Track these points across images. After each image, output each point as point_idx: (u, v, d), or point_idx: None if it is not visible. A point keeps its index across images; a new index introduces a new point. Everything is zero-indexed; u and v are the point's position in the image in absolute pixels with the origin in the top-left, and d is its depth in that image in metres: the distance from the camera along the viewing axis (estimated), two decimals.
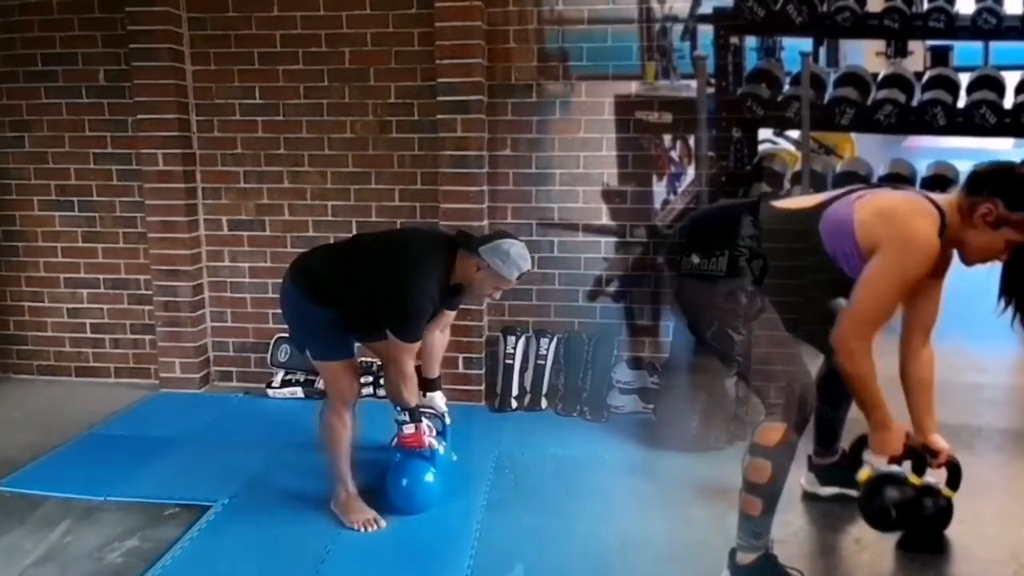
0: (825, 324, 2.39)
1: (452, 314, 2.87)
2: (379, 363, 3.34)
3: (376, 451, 2.81)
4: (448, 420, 2.93)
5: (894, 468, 2.31)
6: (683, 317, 2.39)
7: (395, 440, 2.66)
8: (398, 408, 2.60)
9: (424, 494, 2.66)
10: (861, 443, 2.37)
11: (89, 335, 4.11)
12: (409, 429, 2.59)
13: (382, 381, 3.09)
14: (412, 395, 2.58)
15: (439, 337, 2.90)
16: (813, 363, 2.37)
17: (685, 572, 2.32)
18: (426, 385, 2.90)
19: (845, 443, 2.66)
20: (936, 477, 2.38)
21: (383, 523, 2.56)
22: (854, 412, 2.57)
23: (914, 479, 2.31)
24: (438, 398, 2.95)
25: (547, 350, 3.69)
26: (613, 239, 3.74)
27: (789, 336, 2.17)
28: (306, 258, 2.70)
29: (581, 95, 3.67)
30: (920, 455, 2.31)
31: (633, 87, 3.66)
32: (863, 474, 2.28)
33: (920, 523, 2.36)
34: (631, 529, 2.53)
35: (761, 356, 2.14)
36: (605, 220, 3.74)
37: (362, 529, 2.53)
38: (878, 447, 2.24)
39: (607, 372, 3.62)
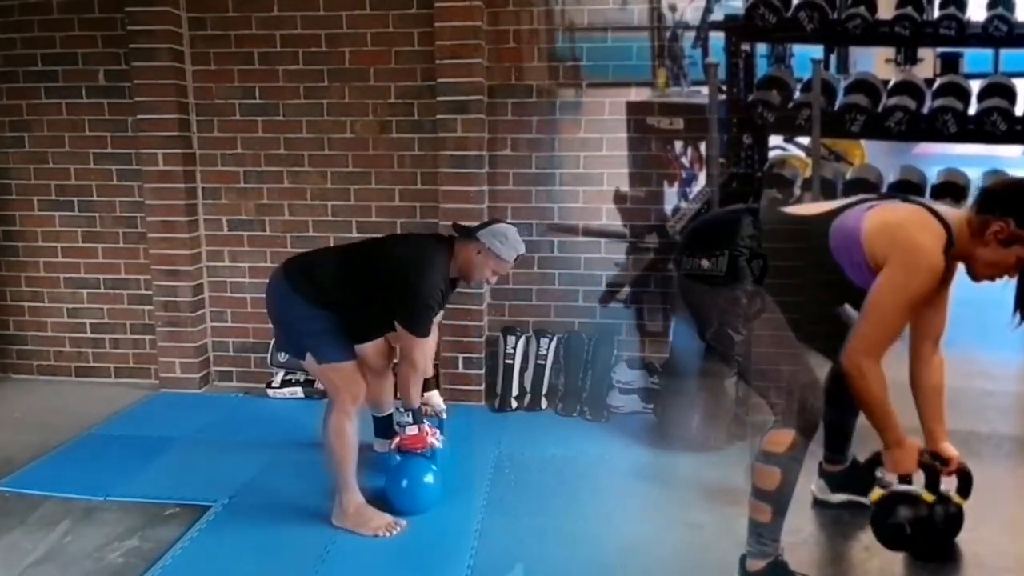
0: (826, 325, 2.39)
1: (440, 314, 2.88)
2: None
3: (362, 451, 2.79)
4: (445, 417, 2.95)
5: (907, 486, 2.27)
6: (684, 317, 2.39)
7: (396, 442, 2.65)
8: (400, 409, 2.60)
9: (425, 494, 2.66)
10: (875, 461, 2.33)
11: (89, 335, 4.11)
12: (412, 430, 2.59)
13: None
14: (419, 394, 2.61)
15: (431, 336, 2.90)
16: (820, 368, 2.37)
17: (685, 572, 2.32)
18: (423, 385, 2.91)
19: (860, 454, 2.65)
20: (947, 485, 2.37)
21: (404, 523, 2.54)
22: (863, 418, 2.56)
23: (927, 496, 2.26)
24: (435, 397, 2.96)
25: (547, 350, 3.69)
26: (625, 244, 3.75)
27: (796, 346, 2.16)
28: (301, 262, 2.67)
29: (581, 95, 3.69)
30: (934, 471, 2.28)
31: (638, 93, 3.67)
32: (875, 494, 2.25)
33: (933, 534, 2.32)
34: (631, 529, 2.53)
35: (763, 356, 2.14)
36: (605, 221, 3.75)
37: (385, 534, 2.49)
38: (892, 465, 2.22)
39: (607, 372, 3.62)
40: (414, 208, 3.78)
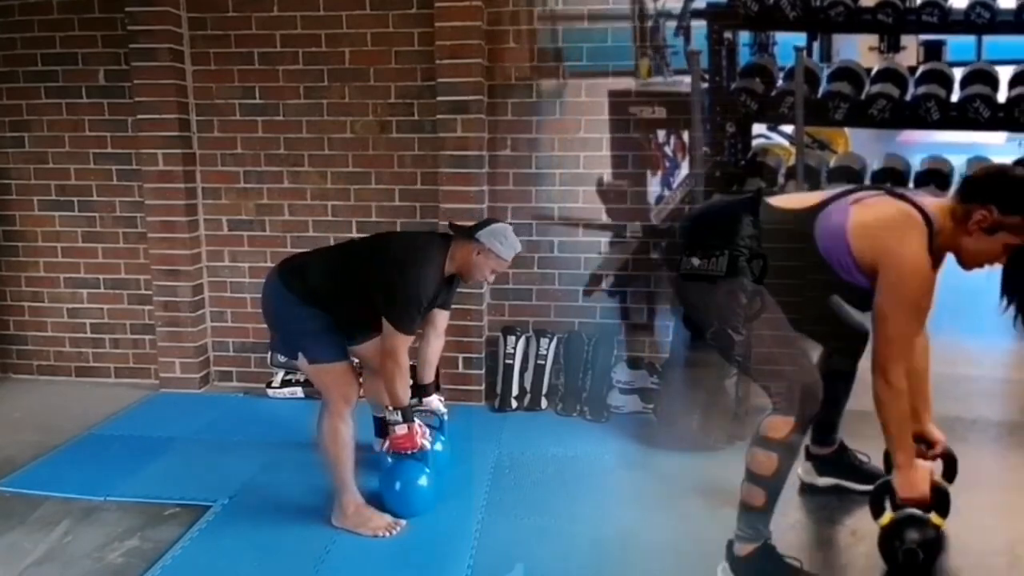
0: (825, 323, 2.40)
1: (446, 315, 2.88)
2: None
3: (362, 451, 2.79)
4: (446, 419, 2.96)
5: (914, 510, 2.22)
6: (684, 317, 2.40)
7: (387, 443, 2.60)
8: (389, 408, 2.55)
9: (419, 497, 2.64)
10: (883, 489, 2.30)
11: (89, 335, 4.11)
12: (402, 429, 2.53)
13: (362, 380, 3.08)
14: (406, 392, 2.54)
15: (435, 343, 2.90)
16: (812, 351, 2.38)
17: (685, 572, 2.32)
18: (420, 391, 2.90)
19: (848, 439, 2.68)
20: (933, 468, 2.38)
21: (403, 523, 2.54)
22: (851, 403, 2.60)
23: (937, 520, 2.22)
24: (435, 401, 2.95)
25: (547, 350, 3.69)
26: (608, 235, 3.74)
27: (794, 335, 2.16)
28: (295, 262, 2.67)
29: (581, 95, 3.67)
30: (945, 495, 2.26)
31: (627, 83, 3.65)
32: (884, 519, 2.24)
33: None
34: (631, 529, 2.53)
35: (766, 355, 2.14)
36: (605, 220, 3.74)
37: (385, 535, 2.49)
38: (905, 489, 2.18)
39: (607, 372, 3.62)
40: (414, 208, 3.78)
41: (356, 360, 2.72)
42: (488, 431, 3.38)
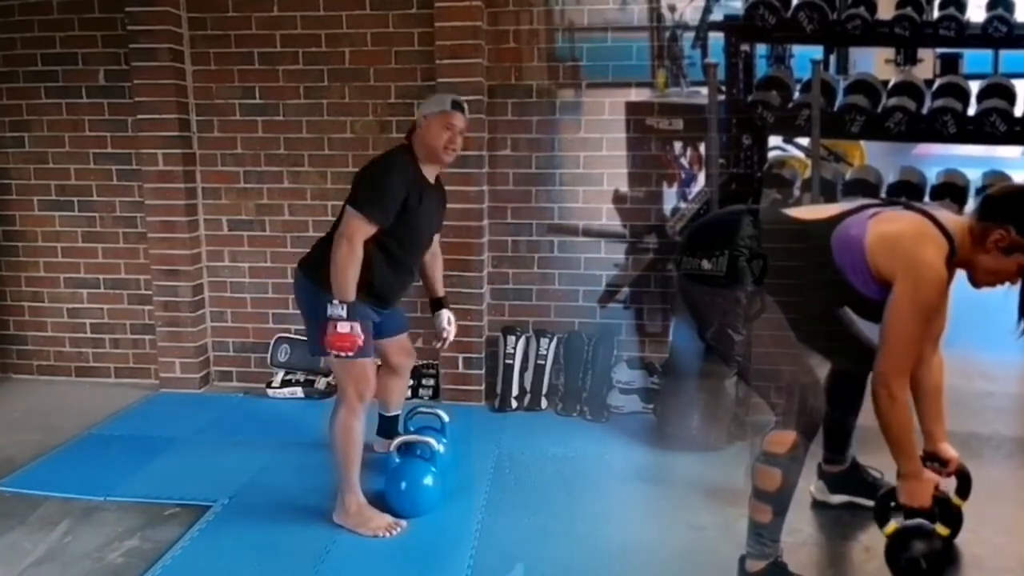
0: (826, 326, 2.39)
1: (436, 238, 2.87)
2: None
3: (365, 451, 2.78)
4: (450, 338, 2.93)
5: (921, 521, 2.25)
6: (684, 317, 2.40)
7: (390, 443, 2.62)
8: (333, 301, 2.39)
9: (426, 497, 2.64)
10: (888, 497, 2.30)
11: (89, 335, 4.11)
12: (344, 327, 2.37)
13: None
14: (353, 286, 2.40)
15: (433, 262, 2.89)
16: (820, 367, 2.37)
17: (685, 572, 2.32)
18: (433, 305, 2.91)
19: (860, 455, 2.66)
20: (946, 485, 2.38)
21: (404, 524, 2.54)
22: (863, 419, 2.57)
23: (942, 530, 2.26)
24: (444, 314, 2.91)
25: (547, 350, 3.69)
26: (624, 244, 3.74)
27: (792, 337, 2.16)
28: (310, 253, 2.67)
29: (581, 95, 3.68)
30: (948, 505, 2.27)
31: (639, 93, 3.67)
32: (890, 527, 2.25)
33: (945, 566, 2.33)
34: (631, 529, 2.53)
35: (764, 356, 2.14)
36: (605, 221, 3.74)
37: (385, 535, 2.49)
38: (907, 498, 2.19)
39: (607, 372, 3.62)
40: None
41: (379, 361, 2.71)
42: (488, 431, 3.38)
